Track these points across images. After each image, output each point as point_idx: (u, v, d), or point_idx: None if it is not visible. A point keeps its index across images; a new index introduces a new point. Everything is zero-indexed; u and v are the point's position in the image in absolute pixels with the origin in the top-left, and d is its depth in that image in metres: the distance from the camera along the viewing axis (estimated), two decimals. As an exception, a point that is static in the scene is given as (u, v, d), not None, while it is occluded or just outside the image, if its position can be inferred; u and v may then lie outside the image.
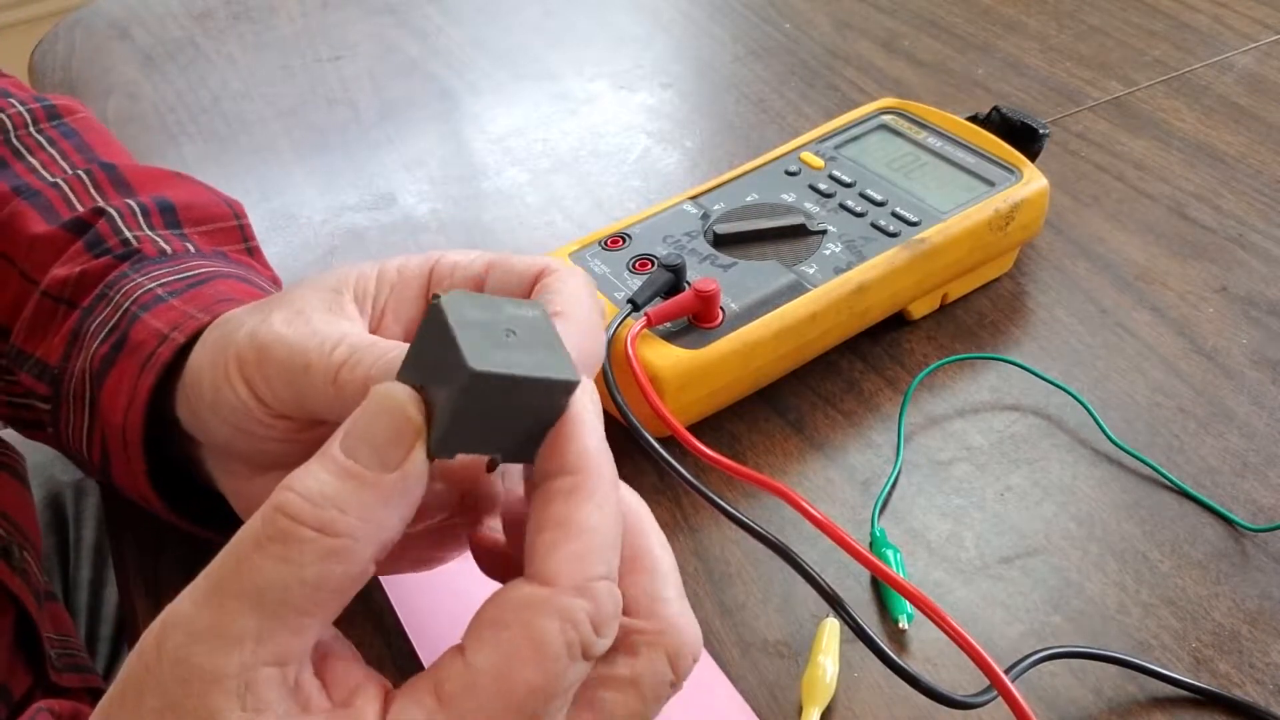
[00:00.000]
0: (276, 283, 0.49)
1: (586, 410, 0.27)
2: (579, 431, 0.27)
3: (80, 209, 0.47)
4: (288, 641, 0.24)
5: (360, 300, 0.35)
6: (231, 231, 0.49)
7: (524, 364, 0.25)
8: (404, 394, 0.25)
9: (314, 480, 0.25)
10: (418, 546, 0.34)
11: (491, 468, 0.28)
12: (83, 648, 0.60)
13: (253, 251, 0.49)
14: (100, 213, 0.46)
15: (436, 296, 0.26)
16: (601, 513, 0.26)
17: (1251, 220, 0.58)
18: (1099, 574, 0.42)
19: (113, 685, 0.26)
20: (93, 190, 0.48)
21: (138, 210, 0.46)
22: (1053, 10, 0.77)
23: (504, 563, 0.32)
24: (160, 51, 0.80)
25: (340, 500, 0.24)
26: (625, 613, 0.27)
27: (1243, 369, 0.50)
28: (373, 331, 0.35)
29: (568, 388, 0.26)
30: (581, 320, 0.32)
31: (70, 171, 0.49)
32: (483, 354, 0.25)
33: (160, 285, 0.41)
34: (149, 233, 0.46)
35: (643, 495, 0.29)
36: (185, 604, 0.25)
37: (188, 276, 0.42)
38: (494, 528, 0.33)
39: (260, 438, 0.35)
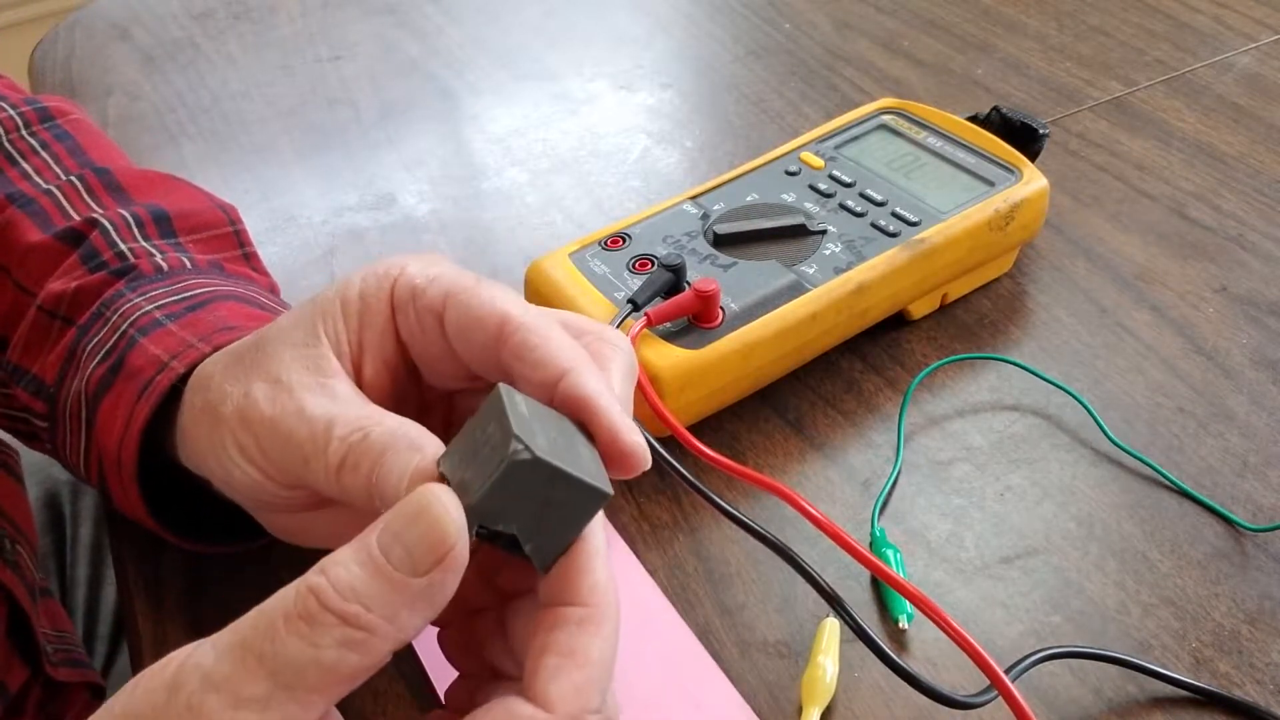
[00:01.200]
0: (274, 289, 0.48)
1: (599, 542, 0.28)
2: (593, 564, 0.28)
3: (75, 217, 0.47)
4: (294, 713, 0.25)
5: (336, 345, 0.33)
6: (227, 238, 0.48)
7: (573, 464, 0.27)
8: (445, 503, 0.26)
9: (346, 571, 0.25)
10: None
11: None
12: (80, 644, 0.60)
13: (249, 257, 0.48)
14: (93, 223, 0.46)
15: (496, 390, 0.28)
16: (605, 645, 0.27)
17: (1251, 220, 0.58)
18: (1099, 574, 0.42)
19: (113, 708, 0.26)
20: (86, 196, 0.48)
21: (131, 221, 0.46)
22: (1053, 10, 0.77)
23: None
24: (160, 51, 0.80)
25: (367, 598, 0.25)
26: None
27: (1243, 369, 0.50)
28: (356, 376, 0.34)
29: (601, 496, 0.28)
30: (591, 369, 0.31)
31: (64, 177, 0.49)
32: (541, 447, 0.27)
33: (158, 307, 0.41)
34: (144, 244, 0.45)
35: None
36: (208, 651, 0.25)
37: (186, 298, 0.42)
38: None
39: (279, 505, 0.35)
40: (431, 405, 0.36)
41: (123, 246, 0.45)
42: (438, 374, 0.35)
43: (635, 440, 0.29)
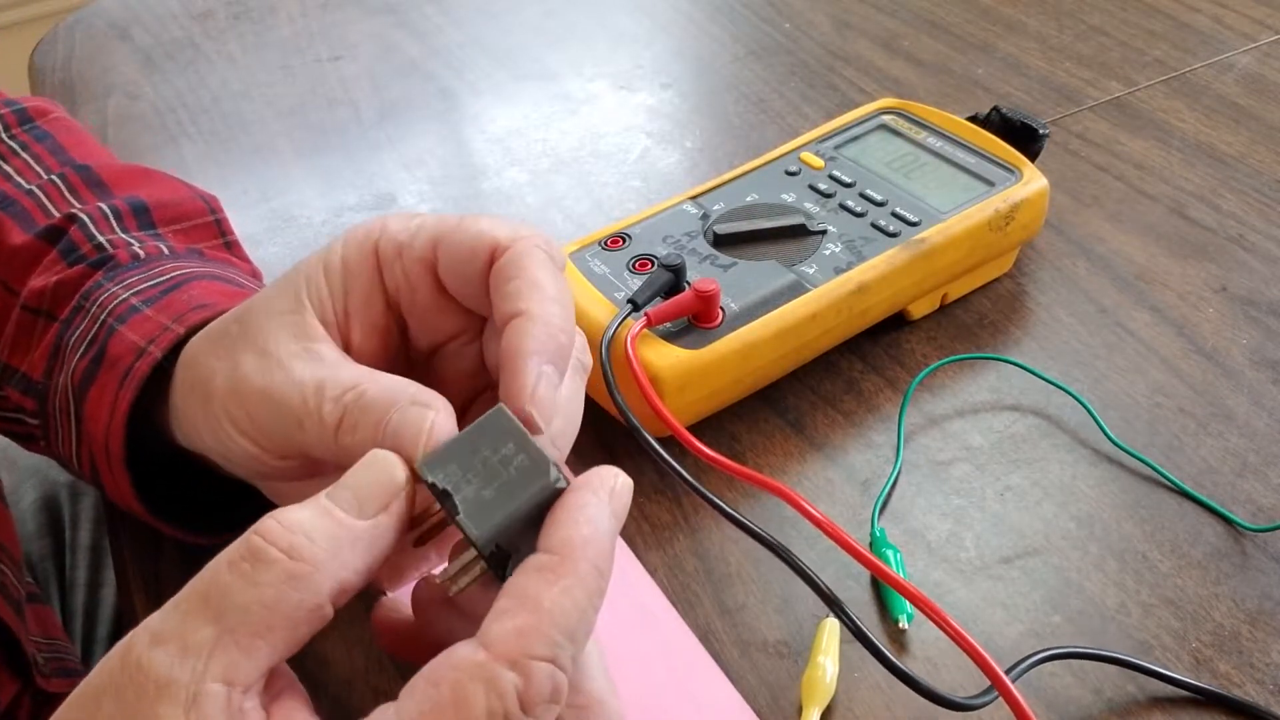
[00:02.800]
0: (256, 275, 0.48)
1: (588, 505, 0.28)
2: (570, 519, 0.27)
3: (55, 215, 0.47)
4: (238, 659, 0.25)
5: (321, 310, 0.34)
6: (207, 227, 0.48)
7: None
8: (393, 459, 0.28)
9: (294, 513, 0.26)
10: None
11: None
12: (73, 650, 0.59)
13: (230, 245, 0.48)
14: (72, 219, 0.46)
15: (500, 408, 0.29)
16: (566, 597, 0.26)
17: (1251, 220, 0.58)
18: (1099, 574, 0.42)
19: (75, 690, 0.26)
20: (68, 194, 0.48)
21: (109, 213, 0.46)
22: (1053, 10, 0.77)
23: (405, 639, 0.33)
24: (160, 51, 0.80)
25: (310, 530, 0.26)
26: None
27: (1243, 369, 0.50)
28: (343, 340, 0.34)
29: (551, 488, 0.28)
30: (552, 321, 0.31)
31: (45, 177, 0.49)
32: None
33: (134, 294, 0.41)
34: (122, 235, 0.45)
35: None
36: (156, 614, 0.26)
37: (161, 281, 0.42)
38: (394, 608, 0.33)
39: (276, 475, 0.35)
40: (415, 365, 0.37)
41: (100, 239, 0.45)
42: (427, 326, 0.35)
43: (529, 411, 0.30)
